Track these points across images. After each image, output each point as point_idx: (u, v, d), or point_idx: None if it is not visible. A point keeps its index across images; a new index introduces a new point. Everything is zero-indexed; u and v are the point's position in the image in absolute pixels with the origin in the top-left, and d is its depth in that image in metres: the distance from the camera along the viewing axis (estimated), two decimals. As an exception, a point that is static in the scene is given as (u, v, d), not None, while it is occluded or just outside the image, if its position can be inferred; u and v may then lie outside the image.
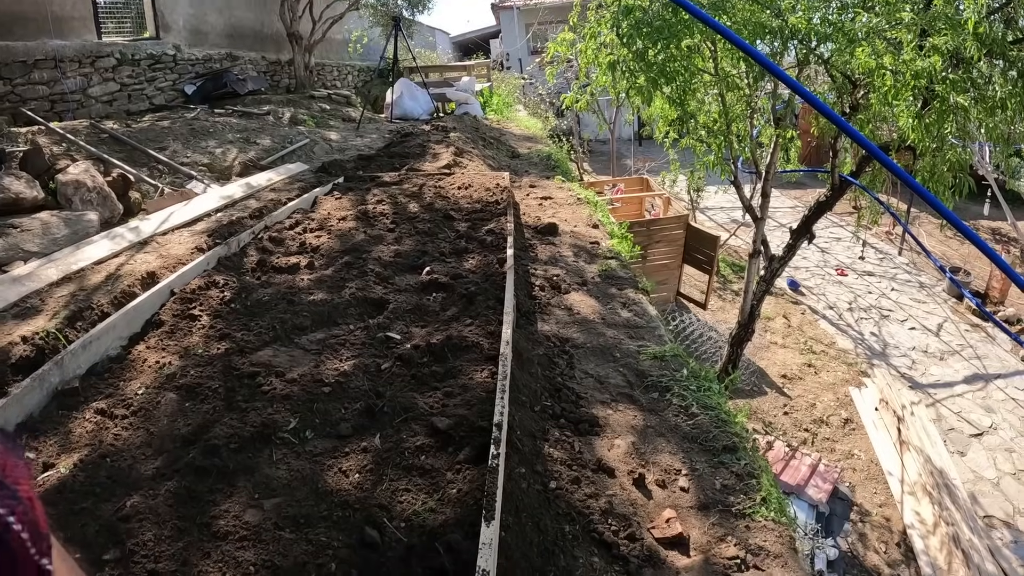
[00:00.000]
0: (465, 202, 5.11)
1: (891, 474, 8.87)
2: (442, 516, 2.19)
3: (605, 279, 4.49)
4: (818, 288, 13.48)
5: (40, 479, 2.50)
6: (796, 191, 17.52)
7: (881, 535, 8.12)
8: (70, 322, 3.85)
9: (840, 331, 11.98)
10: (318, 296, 3.70)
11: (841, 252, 15.05)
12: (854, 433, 9.64)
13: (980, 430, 9.55)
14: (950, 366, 10.97)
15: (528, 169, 7.70)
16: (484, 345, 3.02)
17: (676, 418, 3.23)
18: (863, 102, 7.02)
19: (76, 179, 5.99)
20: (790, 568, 2.61)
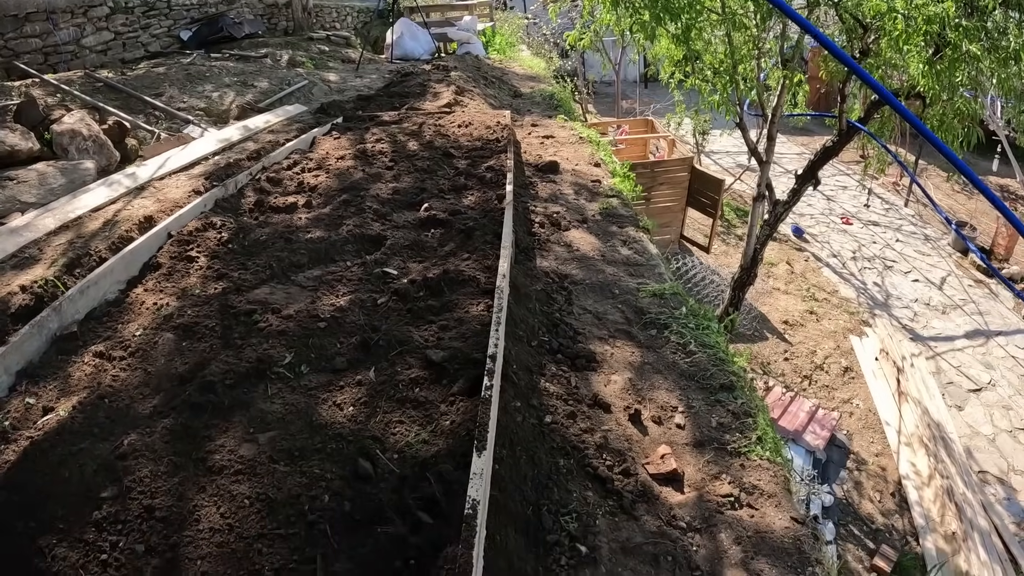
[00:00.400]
0: (465, 140, 5.02)
1: (888, 424, 8.92)
2: (435, 447, 2.18)
3: (606, 217, 4.43)
4: (822, 236, 13.39)
5: (39, 423, 2.51)
6: (802, 137, 17.27)
7: (876, 484, 8.20)
8: (68, 269, 3.84)
9: (843, 279, 11.93)
10: (315, 234, 3.67)
11: (847, 201, 14.91)
12: (853, 382, 9.68)
13: (979, 386, 9.58)
14: (952, 320, 10.95)
15: (530, 108, 7.57)
16: (481, 279, 2.98)
17: (674, 355, 3.21)
18: (873, 47, 6.85)
19: (71, 128, 5.91)
20: (783, 508, 2.62)
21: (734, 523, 2.50)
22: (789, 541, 2.47)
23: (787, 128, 13.59)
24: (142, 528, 2.07)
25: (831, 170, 14.72)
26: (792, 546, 2.46)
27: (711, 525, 2.48)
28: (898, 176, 15.25)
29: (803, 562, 2.41)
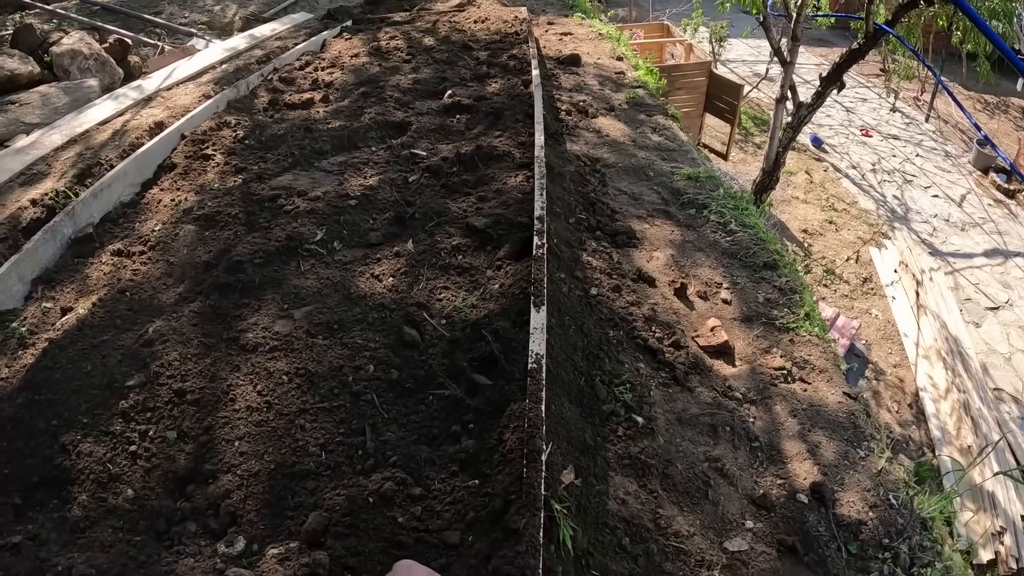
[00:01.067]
0: (483, 34, 4.81)
1: (907, 336, 8.86)
2: (485, 310, 2.09)
3: (633, 106, 4.27)
4: (841, 147, 13.09)
5: (58, 324, 2.41)
6: (822, 48, 16.72)
7: (894, 395, 8.18)
8: (79, 180, 3.72)
9: (862, 191, 11.71)
10: (336, 124, 3.52)
11: (866, 113, 14.51)
12: (872, 293, 9.58)
13: (996, 304, 9.47)
14: (971, 238, 10.77)
15: (544, 8, 7.28)
16: (515, 154, 2.85)
17: (714, 234, 3.10)
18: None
19: (71, 49, 5.72)
20: (835, 383, 2.55)
21: (788, 396, 2.43)
22: (843, 415, 2.40)
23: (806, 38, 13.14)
24: (173, 413, 1.97)
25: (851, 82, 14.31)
26: (847, 420, 2.39)
27: (766, 397, 2.41)
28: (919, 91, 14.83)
29: (858, 436, 2.34)
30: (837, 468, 2.19)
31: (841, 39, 15.66)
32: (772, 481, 2.11)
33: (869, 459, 2.25)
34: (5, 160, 4.15)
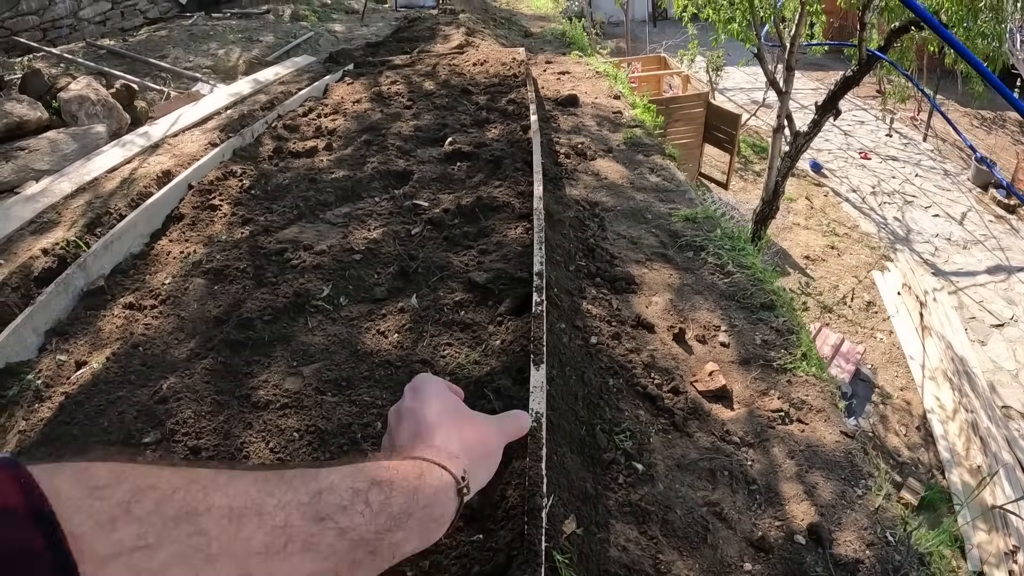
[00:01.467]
0: (482, 77, 4.91)
1: (912, 358, 8.89)
2: (487, 367, 2.15)
3: (631, 146, 4.35)
4: (841, 171, 13.22)
5: (72, 378, 2.48)
6: (818, 72, 16.94)
7: (902, 418, 8.20)
8: (89, 229, 3.81)
9: (863, 214, 11.80)
10: (339, 174, 3.61)
11: (864, 136, 14.67)
12: (876, 316, 9.63)
13: (1001, 321, 9.51)
14: (973, 256, 10.83)
15: (543, 47, 7.42)
16: (515, 204, 2.93)
17: (712, 276, 3.16)
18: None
19: (79, 94, 5.86)
20: (832, 422, 2.59)
21: (786, 437, 2.47)
22: (841, 455, 2.44)
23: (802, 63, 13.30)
24: (188, 470, 2.05)
25: (848, 105, 14.47)
26: (844, 459, 2.43)
27: (763, 440, 2.45)
28: (916, 111, 14.97)
29: (856, 475, 2.39)
30: (834, 508, 2.23)
31: (837, 62, 15.84)
32: (770, 523, 2.16)
33: (866, 497, 2.30)
34: (16, 208, 4.25)
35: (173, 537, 0.39)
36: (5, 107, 5.52)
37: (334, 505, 0.49)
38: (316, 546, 0.47)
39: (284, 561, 0.44)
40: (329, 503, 0.49)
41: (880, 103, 13.17)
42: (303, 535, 0.46)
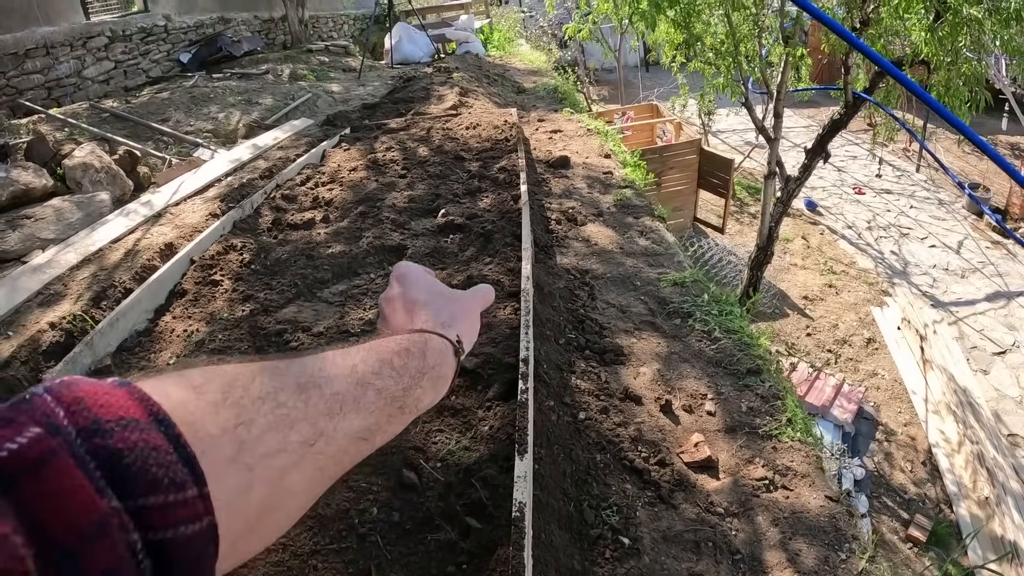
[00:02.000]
0: (474, 142, 5.06)
1: (915, 393, 8.89)
2: (476, 453, 2.23)
3: (620, 208, 4.46)
4: (836, 208, 13.33)
5: None
6: (809, 110, 17.16)
7: (907, 454, 8.18)
8: (95, 303, 3.90)
9: (860, 250, 11.88)
10: (336, 248, 3.71)
11: (858, 170, 14.82)
12: (877, 353, 9.65)
13: (1003, 348, 9.52)
14: (971, 284, 10.88)
15: (535, 103, 7.60)
16: (505, 282, 3.02)
17: (699, 343, 3.25)
18: (873, 16, 6.82)
19: (83, 162, 6.00)
20: (817, 487, 2.66)
21: (770, 505, 2.54)
22: (825, 519, 2.51)
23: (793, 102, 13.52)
24: (196, 552, 2.13)
25: (840, 141, 14.63)
26: (828, 524, 2.50)
27: (748, 509, 2.52)
28: (908, 142, 15.14)
29: (839, 539, 2.45)
30: (817, 574, 2.29)
31: (827, 99, 16.07)
32: (753, 594, 2.22)
33: (850, 561, 2.36)
34: (23, 279, 4.36)
35: (262, 412, 0.49)
36: (12, 175, 5.65)
37: (369, 372, 0.61)
38: (363, 405, 0.58)
39: (343, 420, 0.56)
40: (365, 371, 0.61)
41: (871, 138, 13.33)
42: (352, 397, 0.58)
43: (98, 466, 0.36)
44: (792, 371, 8.50)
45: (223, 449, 0.45)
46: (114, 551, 0.34)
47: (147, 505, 0.37)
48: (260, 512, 0.47)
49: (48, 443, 0.34)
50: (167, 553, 0.38)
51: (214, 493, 0.42)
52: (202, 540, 0.40)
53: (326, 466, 0.54)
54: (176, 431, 0.41)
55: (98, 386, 0.40)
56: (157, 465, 0.38)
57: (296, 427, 0.50)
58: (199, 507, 0.40)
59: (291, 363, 0.56)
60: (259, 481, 0.47)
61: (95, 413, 0.38)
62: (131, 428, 0.39)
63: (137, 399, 0.41)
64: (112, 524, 0.34)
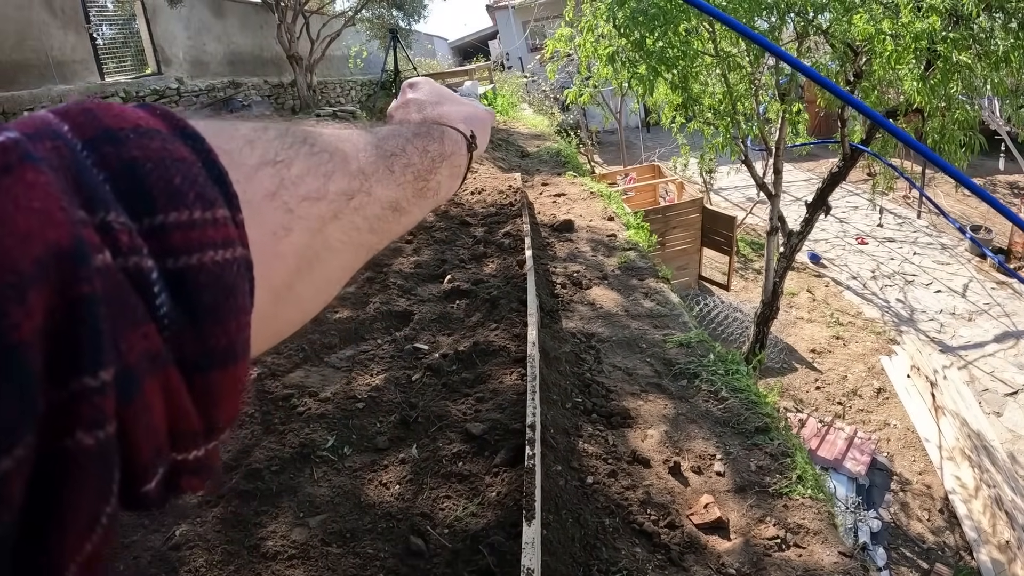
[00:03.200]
0: (479, 207, 5.16)
1: (928, 440, 8.79)
2: (483, 520, 2.24)
3: (625, 271, 4.52)
4: (839, 259, 13.38)
5: None
6: (808, 163, 17.37)
7: (923, 503, 8.05)
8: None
9: (865, 300, 11.88)
10: (344, 314, 3.77)
11: (859, 220, 14.92)
12: (888, 402, 9.57)
13: (1015, 388, 9.43)
14: (979, 326, 10.83)
15: (539, 167, 7.74)
16: (511, 348, 3.06)
17: (706, 403, 3.26)
18: (866, 69, 6.98)
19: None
20: (830, 543, 2.64)
21: (782, 564, 2.52)
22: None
23: (792, 156, 13.72)
24: (201, 622, 2.13)
25: (840, 192, 14.77)
26: (843, 583, 2.47)
27: (760, 569, 2.49)
28: (907, 189, 15.27)
29: (855, 598, 2.42)
30: (834, 636, 2.27)
31: (825, 151, 16.27)
32: (768, 660, 2.19)
33: (868, 622, 2.33)
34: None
35: (300, 154, 0.44)
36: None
37: (396, 146, 0.59)
38: (395, 174, 0.56)
39: (377, 183, 0.52)
40: (392, 145, 0.58)
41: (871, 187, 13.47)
42: (384, 164, 0.55)
43: (108, 178, 0.29)
44: (802, 426, 8.43)
45: (262, 182, 0.40)
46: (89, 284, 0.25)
47: (167, 223, 0.30)
48: (298, 265, 0.42)
49: (17, 150, 0.25)
50: (190, 283, 0.31)
51: (249, 228, 0.35)
52: (233, 274, 0.33)
53: (362, 229, 0.50)
54: (207, 146, 0.35)
55: (113, 103, 0.33)
56: (182, 176, 0.32)
57: (334, 178, 0.46)
58: (231, 231, 0.33)
59: (318, 128, 0.51)
60: (298, 226, 0.41)
61: (107, 123, 0.31)
62: (151, 137, 0.32)
63: (160, 115, 0.35)
64: (86, 249, 0.26)
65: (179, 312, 0.30)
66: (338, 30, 14.30)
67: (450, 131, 0.74)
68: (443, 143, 0.69)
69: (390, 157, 0.56)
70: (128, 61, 11.18)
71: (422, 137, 0.65)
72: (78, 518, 0.25)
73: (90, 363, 0.25)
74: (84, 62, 9.82)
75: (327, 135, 0.49)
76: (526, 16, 25.06)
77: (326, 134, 0.49)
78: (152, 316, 0.29)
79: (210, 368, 0.32)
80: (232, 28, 13.53)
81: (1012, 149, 11.98)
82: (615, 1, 6.75)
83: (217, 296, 0.31)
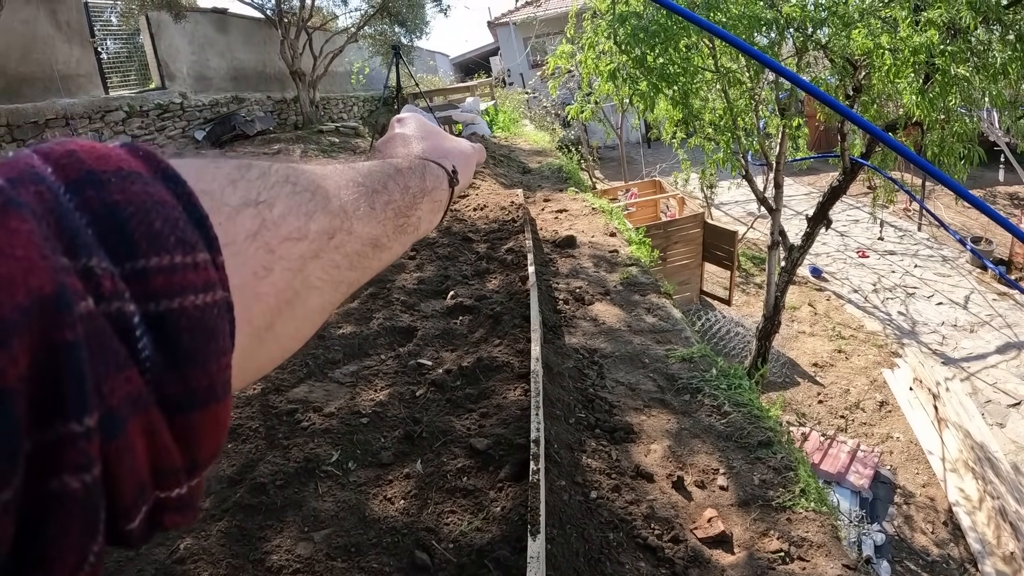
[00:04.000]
0: (482, 223, 5.19)
1: (931, 453, 8.77)
2: (488, 534, 2.25)
3: (627, 286, 4.54)
4: (841, 273, 13.39)
5: None
6: (809, 177, 17.43)
7: (927, 515, 8.02)
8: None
9: (867, 314, 11.88)
10: (347, 329, 3.79)
11: (860, 234, 14.94)
12: (891, 415, 9.56)
13: (1017, 399, 9.42)
14: (981, 338, 10.83)
15: (541, 183, 7.77)
16: (514, 364, 3.08)
17: (709, 418, 3.27)
18: (865, 83, 7.02)
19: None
20: (834, 556, 2.64)
21: (787, 579, 2.52)
22: (844, 591, 2.49)
23: (792, 170, 13.75)
24: (208, 636, 2.13)
25: (841, 206, 14.81)
26: (847, 596, 2.48)
27: (764, 584, 2.50)
28: (908, 202, 15.30)
29: (860, 612, 2.43)
30: (839, 650, 2.27)
31: (826, 165, 16.33)
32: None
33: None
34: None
35: (282, 193, 0.44)
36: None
37: (378, 183, 0.59)
38: (376, 211, 0.57)
39: (358, 220, 0.53)
40: (374, 181, 0.59)
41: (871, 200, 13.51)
42: (366, 201, 0.55)
43: (91, 222, 0.29)
44: (805, 440, 8.42)
45: (243, 222, 0.40)
46: (72, 331, 0.26)
47: (148, 268, 0.31)
48: (279, 304, 0.43)
49: (0, 196, 0.26)
50: (171, 327, 0.31)
51: (230, 269, 0.36)
52: (214, 317, 0.33)
53: (342, 266, 0.51)
54: (187, 189, 0.35)
55: (95, 143, 0.34)
56: (163, 221, 0.32)
57: (315, 217, 0.47)
58: (211, 274, 0.34)
59: (301, 165, 0.52)
60: (279, 266, 0.42)
61: (89, 165, 0.31)
62: (132, 180, 0.32)
63: (142, 157, 0.35)
64: (68, 296, 0.26)
65: (161, 355, 0.31)
66: (341, 46, 14.39)
67: (432, 166, 0.75)
68: (424, 179, 0.70)
69: (372, 194, 0.57)
70: (132, 76, 11.26)
71: (404, 174, 0.66)
72: (66, 557, 0.26)
73: (74, 409, 0.26)
74: (88, 76, 9.89)
75: (309, 172, 0.50)
76: (527, 33, 25.23)
77: (308, 171, 0.50)
78: (134, 360, 0.29)
79: (192, 409, 0.32)
80: (236, 44, 13.63)
81: (1011, 160, 12.05)
82: (616, 18, 6.82)
83: (198, 339, 0.32)
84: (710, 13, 6.35)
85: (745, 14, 6.51)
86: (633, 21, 6.64)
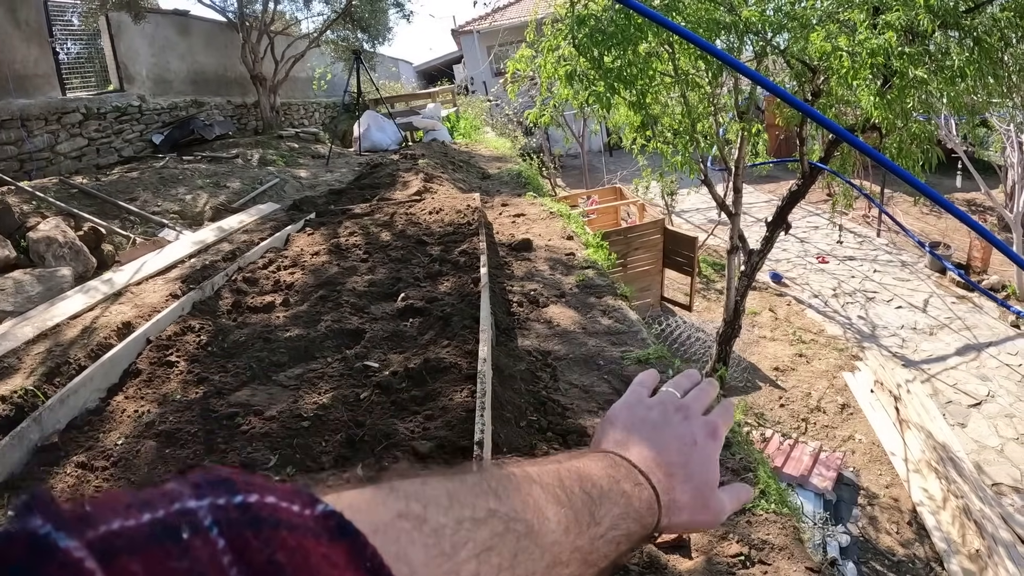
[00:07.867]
0: (437, 226, 5.09)
1: (894, 454, 8.83)
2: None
3: (583, 289, 4.46)
4: (801, 278, 13.50)
5: None
6: (769, 184, 17.61)
7: (891, 516, 8.05)
8: (48, 378, 3.82)
9: (827, 318, 11.98)
10: (294, 332, 3.66)
11: (820, 240, 15.10)
12: (852, 418, 9.61)
13: (978, 399, 9.54)
14: (941, 340, 10.97)
15: (499, 188, 7.70)
16: (462, 365, 2.98)
17: (665, 420, 3.19)
18: (824, 87, 7.06)
19: (47, 235, 5.95)
20: (796, 559, 2.57)
21: (747, 583, 2.45)
22: (806, 593, 2.42)
23: (753, 177, 13.88)
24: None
25: (801, 212, 14.98)
26: (809, 598, 2.41)
27: (723, 589, 2.42)
28: (867, 208, 15.52)
29: (821, 614, 2.36)
30: (801, 655, 2.20)
31: (787, 172, 16.52)
32: None
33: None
34: (-24, 351, 4.24)
35: None
36: (-26, 244, 5.56)
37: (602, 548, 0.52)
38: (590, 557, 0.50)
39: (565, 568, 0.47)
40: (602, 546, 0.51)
41: (830, 207, 13.68)
42: (583, 551, 0.49)
43: None
44: (766, 443, 8.42)
45: None
46: None
47: None
48: None
49: None
50: None
51: None
52: None
53: None
54: None
55: (300, 518, 0.30)
56: None
57: None
58: None
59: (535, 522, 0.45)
60: None
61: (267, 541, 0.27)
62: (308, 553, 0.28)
63: (367, 569, 0.31)
64: None
65: None
66: (303, 51, 14.22)
67: (645, 508, 0.59)
68: (631, 523, 0.57)
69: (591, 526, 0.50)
70: (92, 78, 10.99)
71: (626, 519, 0.55)
72: None
73: None
74: (46, 76, 9.61)
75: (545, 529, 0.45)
76: (490, 41, 25.20)
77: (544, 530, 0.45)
78: None
79: None
80: (197, 47, 13.38)
81: (969, 167, 12.27)
82: (575, 20, 6.77)
83: None
84: (670, 14, 6.33)
85: (704, 18, 6.50)
86: (591, 23, 6.60)
